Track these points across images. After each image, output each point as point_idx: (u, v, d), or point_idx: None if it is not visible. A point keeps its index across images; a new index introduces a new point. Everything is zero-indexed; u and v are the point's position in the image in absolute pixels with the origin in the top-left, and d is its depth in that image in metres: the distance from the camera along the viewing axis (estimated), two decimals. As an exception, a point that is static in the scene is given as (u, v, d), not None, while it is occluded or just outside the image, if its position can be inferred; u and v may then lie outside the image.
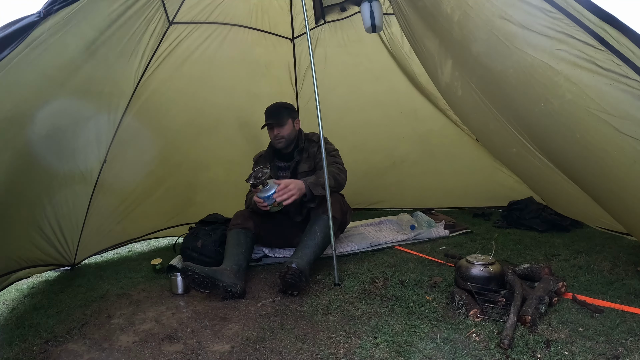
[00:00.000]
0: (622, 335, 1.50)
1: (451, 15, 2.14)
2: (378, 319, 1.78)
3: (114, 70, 2.57)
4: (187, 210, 3.51)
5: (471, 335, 1.58)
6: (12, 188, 2.11)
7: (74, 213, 2.82)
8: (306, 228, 2.37)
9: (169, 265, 2.55)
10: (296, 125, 2.66)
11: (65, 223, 2.73)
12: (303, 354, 1.56)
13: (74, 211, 2.81)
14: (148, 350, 1.70)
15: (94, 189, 2.91)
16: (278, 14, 3.36)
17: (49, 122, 2.08)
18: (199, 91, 3.26)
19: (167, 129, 3.21)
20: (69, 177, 2.61)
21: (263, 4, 3.23)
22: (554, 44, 1.64)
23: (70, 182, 2.64)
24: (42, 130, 2.07)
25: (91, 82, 2.35)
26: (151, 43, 2.76)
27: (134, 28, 2.45)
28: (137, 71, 2.82)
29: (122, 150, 2.95)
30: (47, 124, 2.07)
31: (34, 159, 2.17)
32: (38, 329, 1.96)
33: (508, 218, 3.13)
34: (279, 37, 3.48)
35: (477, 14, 1.94)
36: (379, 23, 2.62)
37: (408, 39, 3.07)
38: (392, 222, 3.25)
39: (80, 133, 2.52)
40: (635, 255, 2.25)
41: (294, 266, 2.05)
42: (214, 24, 3.09)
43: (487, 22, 1.90)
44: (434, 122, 3.60)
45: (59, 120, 2.20)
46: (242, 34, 3.25)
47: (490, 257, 1.89)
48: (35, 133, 2.02)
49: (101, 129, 2.78)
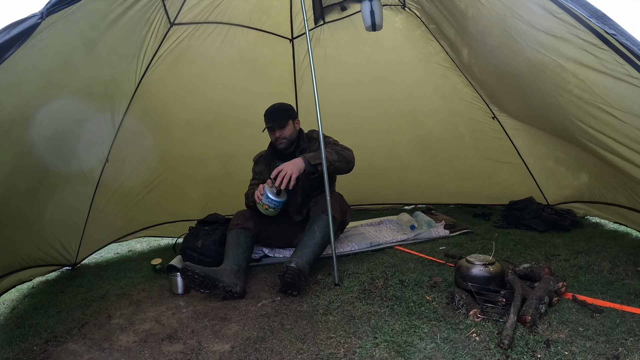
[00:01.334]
0: (622, 335, 1.50)
1: (465, 11, 2.22)
2: (378, 319, 1.78)
3: (115, 71, 2.58)
4: (185, 205, 3.54)
5: (471, 335, 1.58)
6: (14, 188, 2.11)
7: (76, 213, 2.83)
8: (305, 228, 2.37)
9: (169, 265, 2.55)
10: (296, 125, 2.66)
11: (66, 223, 2.74)
12: (303, 354, 1.56)
13: (76, 211, 2.82)
14: (148, 350, 1.70)
15: (96, 188, 2.92)
16: (278, 14, 3.36)
17: (50, 123, 2.08)
18: (198, 90, 3.27)
19: (166, 127, 3.23)
20: (71, 177, 2.61)
21: (263, 4, 3.23)
22: (561, 43, 1.71)
23: (72, 183, 2.64)
24: (44, 132, 2.07)
25: (93, 83, 2.36)
26: (153, 44, 2.77)
27: (135, 29, 2.45)
28: (138, 72, 2.83)
29: (123, 149, 2.97)
30: (48, 124, 2.07)
31: (36, 160, 2.17)
32: (38, 329, 1.96)
33: (508, 218, 3.13)
34: (278, 37, 3.48)
35: (489, 11, 2.02)
36: (379, 22, 2.62)
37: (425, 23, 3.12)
38: (392, 222, 3.24)
39: (81, 134, 2.53)
40: (635, 255, 2.25)
41: (293, 266, 2.05)
42: (213, 23, 3.09)
43: (500, 19, 1.98)
44: (434, 124, 3.60)
45: (60, 121, 2.20)
46: (241, 34, 3.25)
47: (490, 257, 1.89)
48: (37, 134, 2.02)
49: (103, 130, 2.79)
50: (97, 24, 2.05)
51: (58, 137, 2.28)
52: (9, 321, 2.12)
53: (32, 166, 2.18)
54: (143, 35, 2.58)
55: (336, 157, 2.39)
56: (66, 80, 2.09)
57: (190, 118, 3.34)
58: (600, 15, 1.46)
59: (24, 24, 1.48)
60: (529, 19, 1.80)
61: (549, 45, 1.78)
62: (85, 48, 2.06)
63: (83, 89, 2.26)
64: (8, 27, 1.45)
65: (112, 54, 2.35)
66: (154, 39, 2.74)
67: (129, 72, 2.75)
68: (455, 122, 3.54)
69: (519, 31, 1.90)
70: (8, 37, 1.42)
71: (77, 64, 2.10)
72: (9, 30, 1.44)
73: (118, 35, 2.27)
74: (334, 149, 2.45)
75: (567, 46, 1.69)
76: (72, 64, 2.06)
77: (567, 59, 1.74)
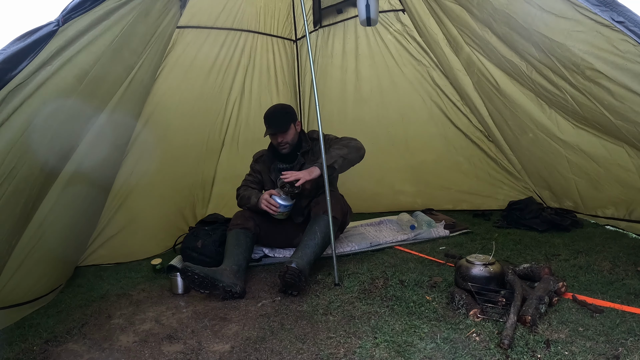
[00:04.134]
0: (622, 335, 1.50)
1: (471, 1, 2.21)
2: (378, 319, 1.78)
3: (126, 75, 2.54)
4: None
5: (471, 335, 1.58)
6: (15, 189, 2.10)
7: (77, 214, 2.82)
8: (306, 228, 2.37)
9: (169, 265, 2.54)
10: (297, 127, 2.63)
11: (67, 223, 2.73)
12: (303, 354, 1.56)
13: (77, 212, 2.81)
14: (148, 350, 1.70)
15: (98, 191, 2.90)
16: (282, 16, 3.38)
17: (55, 127, 2.06)
18: (211, 105, 3.28)
19: (179, 148, 3.16)
20: (73, 178, 2.60)
21: (268, 8, 3.24)
22: (572, 25, 1.69)
23: (73, 183, 2.63)
24: (47, 133, 2.06)
25: (104, 89, 2.33)
26: (161, 48, 2.74)
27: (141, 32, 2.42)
28: (150, 77, 2.78)
29: (131, 155, 2.90)
30: (53, 128, 2.05)
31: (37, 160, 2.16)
32: (38, 329, 1.96)
33: (508, 218, 3.13)
34: (285, 39, 3.49)
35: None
36: (374, 16, 2.61)
37: (419, 32, 3.12)
38: (392, 222, 3.24)
39: (87, 137, 2.51)
40: (635, 255, 2.25)
41: (293, 266, 2.05)
42: (219, 29, 3.09)
43: (507, 4, 1.95)
44: (427, 154, 3.49)
45: (66, 126, 2.18)
46: (246, 38, 3.25)
47: (490, 257, 1.89)
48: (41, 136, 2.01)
49: (115, 137, 2.74)
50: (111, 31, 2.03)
51: (63, 139, 2.25)
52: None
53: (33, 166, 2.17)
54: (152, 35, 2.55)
55: (346, 151, 2.39)
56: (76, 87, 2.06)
57: (204, 139, 3.32)
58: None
59: (40, 31, 1.47)
60: (538, 2, 1.79)
61: (558, 28, 1.77)
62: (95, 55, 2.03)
63: (91, 93, 2.23)
64: (24, 36, 1.44)
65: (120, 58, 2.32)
66: (163, 41, 2.70)
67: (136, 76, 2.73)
68: (453, 151, 3.42)
69: (526, 15, 1.89)
70: (24, 44, 1.41)
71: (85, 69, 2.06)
72: (25, 39, 1.43)
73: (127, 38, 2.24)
74: (340, 143, 2.45)
75: (578, 28, 1.67)
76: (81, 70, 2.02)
77: (576, 42, 1.73)
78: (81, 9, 1.61)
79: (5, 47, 1.39)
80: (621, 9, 1.49)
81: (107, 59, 2.03)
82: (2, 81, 1.37)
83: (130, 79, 2.46)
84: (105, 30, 1.87)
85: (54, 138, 1.96)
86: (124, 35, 2.05)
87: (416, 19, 3.09)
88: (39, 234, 2.15)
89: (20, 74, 1.43)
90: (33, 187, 1.90)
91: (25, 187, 1.82)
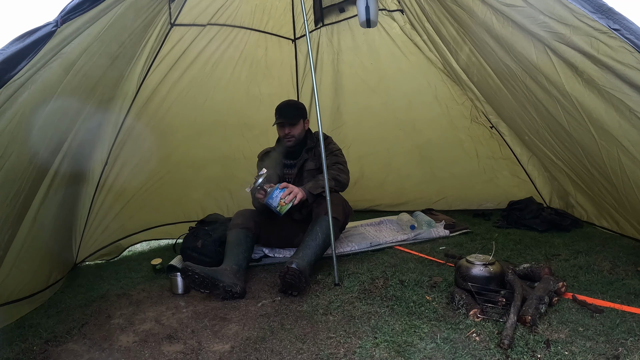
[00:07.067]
0: (622, 335, 1.50)
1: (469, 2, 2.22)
2: (378, 319, 1.78)
3: (118, 72, 2.56)
4: (185, 206, 3.53)
5: (471, 335, 1.58)
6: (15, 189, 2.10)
7: (76, 213, 2.82)
8: (308, 228, 2.37)
9: (169, 265, 2.55)
10: (306, 125, 2.69)
11: (67, 223, 2.73)
12: (303, 354, 1.56)
13: (76, 211, 2.82)
14: (148, 350, 1.70)
15: (96, 189, 2.92)
16: (280, 15, 3.36)
17: (52, 125, 2.07)
18: (199, 91, 3.26)
19: (167, 128, 3.21)
20: (72, 178, 2.61)
21: (265, 6, 3.23)
22: (571, 30, 1.70)
23: (73, 183, 2.64)
24: (46, 132, 2.06)
25: (95, 85, 2.34)
26: (154, 44, 2.76)
27: (137, 30, 2.43)
28: (140, 73, 2.82)
29: (124, 151, 2.96)
30: (50, 126, 2.06)
31: (36, 160, 2.17)
32: (38, 329, 1.96)
33: (508, 218, 3.13)
34: (281, 37, 3.47)
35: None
36: (374, 18, 2.63)
37: (418, 31, 3.15)
38: (392, 222, 3.24)
39: (83, 135, 2.52)
40: (635, 255, 2.25)
41: (294, 266, 2.05)
42: (215, 25, 3.08)
43: (507, 5, 1.96)
44: (432, 132, 3.57)
45: (62, 123, 2.19)
46: (243, 36, 3.25)
47: (490, 257, 1.89)
48: (39, 135, 2.01)
49: (103, 131, 2.78)
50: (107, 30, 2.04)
51: (59, 137, 2.27)
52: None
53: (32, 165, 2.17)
54: (146, 36, 2.57)
55: (333, 184, 2.46)
56: (70, 83, 2.08)
57: (191, 120, 3.33)
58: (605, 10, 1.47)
59: (39, 32, 1.47)
60: (536, 5, 1.80)
61: (557, 33, 1.77)
62: (89, 51, 2.04)
63: (85, 90, 2.25)
64: (22, 36, 1.44)
65: (116, 55, 2.33)
66: (155, 38, 2.73)
67: (132, 74, 2.74)
68: (455, 129, 3.50)
69: (525, 18, 1.90)
70: (22, 45, 1.41)
71: (80, 65, 2.08)
72: (24, 39, 1.43)
73: (120, 36, 2.25)
74: (333, 175, 2.49)
75: (576, 33, 1.68)
76: (77, 67, 2.04)
77: (572, 48, 1.73)
78: (80, 9, 1.60)
79: (4, 48, 1.39)
80: (617, 16, 1.50)
81: (98, 55, 2.04)
82: (1, 81, 1.37)
83: (125, 75, 2.48)
84: (101, 28, 1.88)
85: (47, 133, 1.97)
86: (114, 31, 2.06)
87: (416, 19, 3.09)
88: (33, 231, 2.16)
89: (19, 74, 1.43)
90: (23, 180, 1.89)
91: (15, 178, 1.82)
